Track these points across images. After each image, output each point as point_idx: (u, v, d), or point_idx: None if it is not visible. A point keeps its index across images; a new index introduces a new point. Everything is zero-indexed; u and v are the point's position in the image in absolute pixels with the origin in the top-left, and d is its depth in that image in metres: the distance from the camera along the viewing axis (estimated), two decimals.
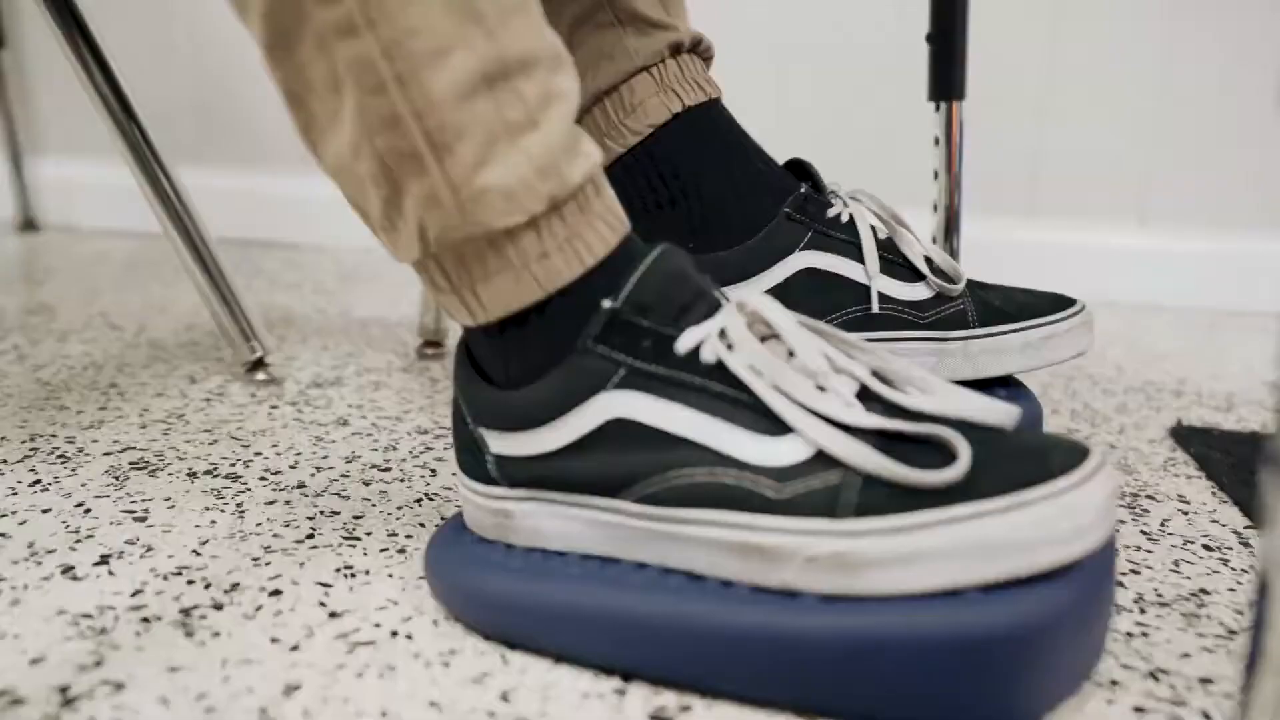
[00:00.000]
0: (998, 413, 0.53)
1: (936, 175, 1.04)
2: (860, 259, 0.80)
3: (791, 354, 0.55)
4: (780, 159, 0.86)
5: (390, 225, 0.56)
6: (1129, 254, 1.51)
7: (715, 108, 0.84)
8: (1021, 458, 0.50)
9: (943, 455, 0.50)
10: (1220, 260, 1.49)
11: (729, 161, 0.82)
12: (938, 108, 1.03)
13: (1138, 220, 1.51)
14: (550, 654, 0.56)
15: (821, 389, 0.53)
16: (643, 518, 0.55)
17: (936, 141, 1.04)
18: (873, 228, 0.82)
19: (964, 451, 0.49)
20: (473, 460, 0.62)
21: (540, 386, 0.57)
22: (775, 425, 0.53)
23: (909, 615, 0.48)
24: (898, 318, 0.80)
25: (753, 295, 0.57)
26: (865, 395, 0.54)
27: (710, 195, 0.81)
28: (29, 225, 1.81)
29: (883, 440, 0.51)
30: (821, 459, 0.51)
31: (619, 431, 0.55)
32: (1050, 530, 0.47)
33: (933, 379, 0.55)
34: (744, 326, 0.55)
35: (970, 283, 0.83)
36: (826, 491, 0.50)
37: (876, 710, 0.49)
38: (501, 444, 0.59)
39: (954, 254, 1.06)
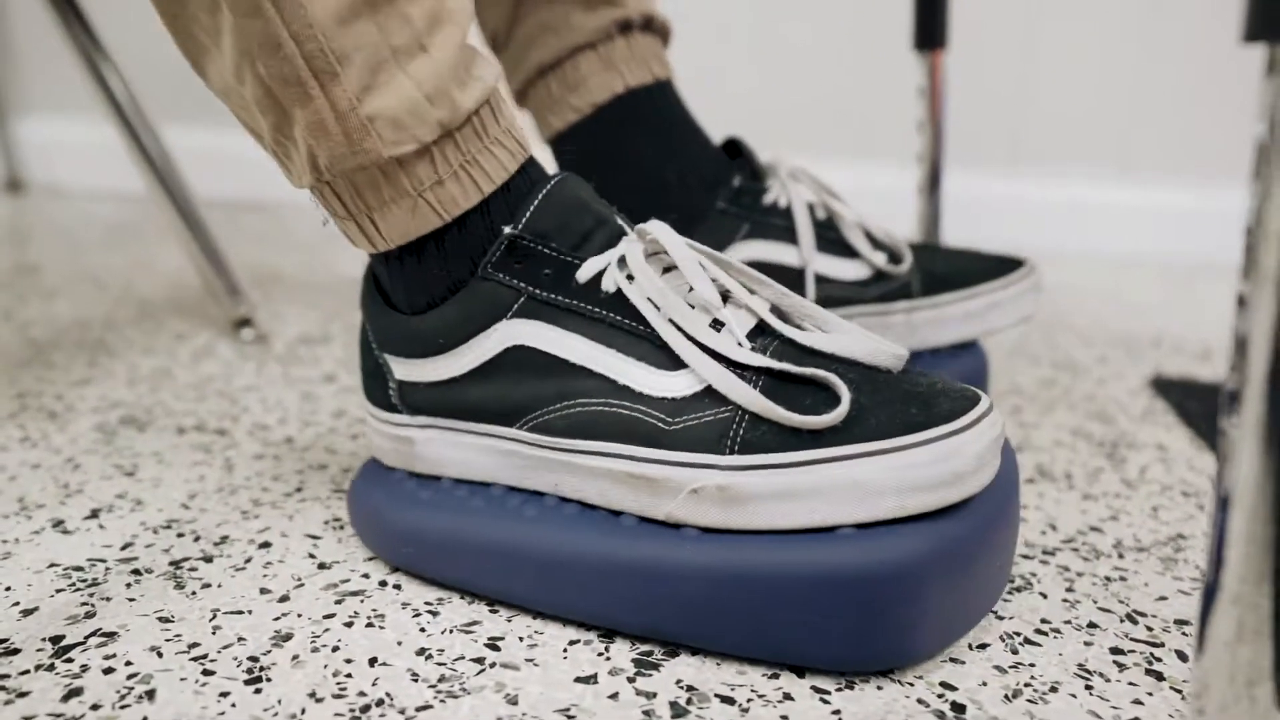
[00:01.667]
0: (886, 355, 0.53)
1: (920, 127, 1.04)
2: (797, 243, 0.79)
3: (690, 288, 0.55)
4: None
5: (283, 151, 0.55)
6: (1109, 206, 1.52)
7: (660, 90, 0.82)
8: (908, 402, 0.50)
9: (828, 397, 0.51)
10: (1200, 212, 1.50)
11: (664, 148, 0.80)
12: (921, 56, 1.03)
13: (1118, 172, 1.52)
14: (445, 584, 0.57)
15: (717, 324, 0.54)
16: (537, 446, 0.56)
17: (921, 92, 1.04)
18: (810, 207, 0.80)
19: (845, 396, 0.50)
20: (376, 387, 0.62)
21: (442, 313, 0.57)
22: (670, 359, 0.54)
23: (782, 550, 0.49)
24: (838, 297, 0.78)
25: (654, 224, 0.56)
26: (762, 330, 0.55)
27: (644, 182, 0.80)
28: (14, 185, 1.81)
29: (770, 380, 0.52)
30: (712, 394, 0.52)
31: (518, 359, 0.56)
32: (925, 475, 0.48)
33: (831, 316, 0.56)
34: (643, 256, 0.55)
35: (917, 247, 0.81)
36: (715, 424, 0.51)
37: (753, 645, 0.51)
38: (405, 370, 0.60)
39: (937, 207, 1.06)
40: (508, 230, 0.55)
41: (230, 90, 0.54)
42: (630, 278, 0.55)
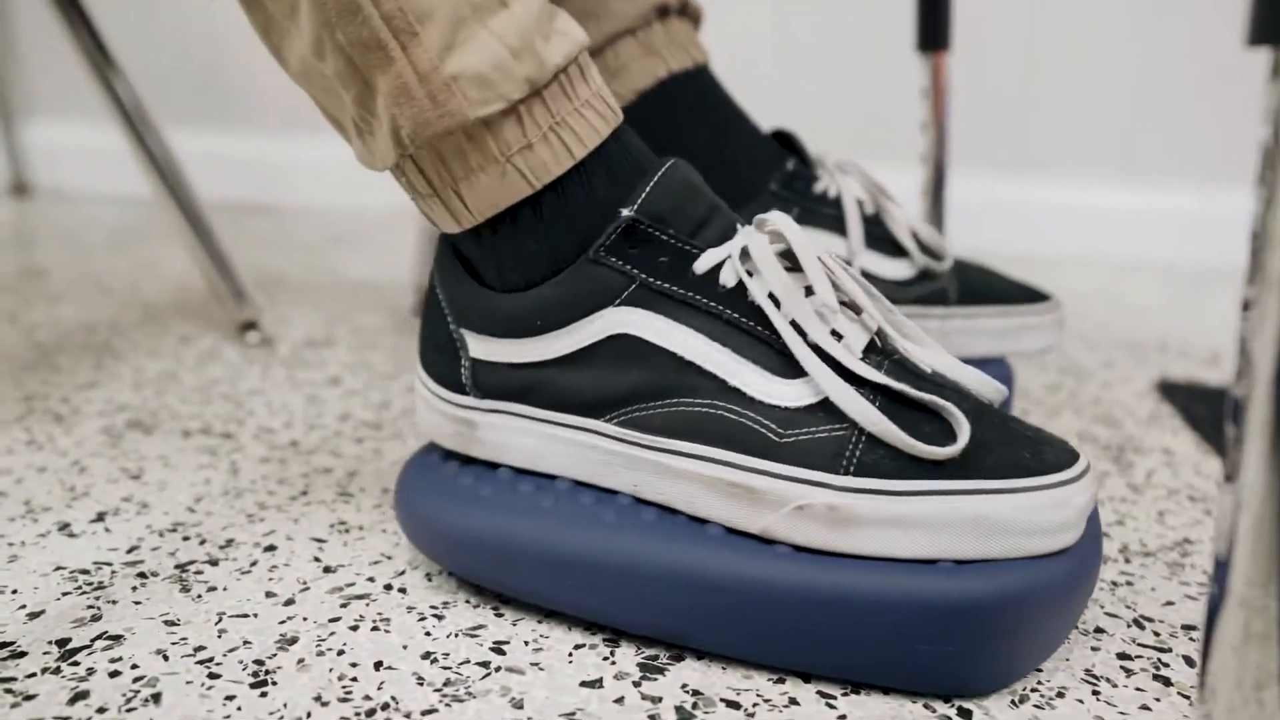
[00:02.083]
0: (991, 389, 0.53)
1: (924, 128, 1.04)
2: (845, 234, 0.78)
3: (809, 290, 0.53)
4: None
5: (366, 128, 0.53)
6: (1113, 209, 1.52)
7: (701, 74, 0.82)
8: (1020, 444, 0.50)
9: (943, 427, 0.50)
10: (1205, 215, 1.50)
11: (714, 131, 0.80)
12: (924, 58, 1.03)
13: (1123, 175, 1.52)
14: (540, 607, 0.56)
15: (836, 334, 0.52)
16: (624, 441, 0.54)
17: (925, 94, 1.04)
18: (859, 202, 0.79)
19: (965, 428, 0.48)
20: (442, 361, 0.59)
21: (541, 294, 0.54)
22: (786, 365, 0.51)
23: (885, 576, 0.48)
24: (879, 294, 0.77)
25: (775, 215, 0.54)
26: (872, 346, 0.53)
27: (697, 165, 0.79)
28: (20, 188, 1.81)
29: (886, 400, 0.50)
30: (828, 409, 0.50)
31: (621, 348, 0.53)
32: (1042, 520, 0.48)
33: (931, 341, 0.55)
34: (768, 249, 0.52)
35: (955, 260, 0.81)
36: (830, 441, 0.49)
37: (842, 667, 0.50)
38: (485, 348, 0.57)
39: (940, 208, 1.05)
40: (625, 213, 0.52)
41: (310, 70, 0.53)
42: (751, 272, 0.52)
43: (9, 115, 1.79)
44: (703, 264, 0.52)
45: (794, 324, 0.52)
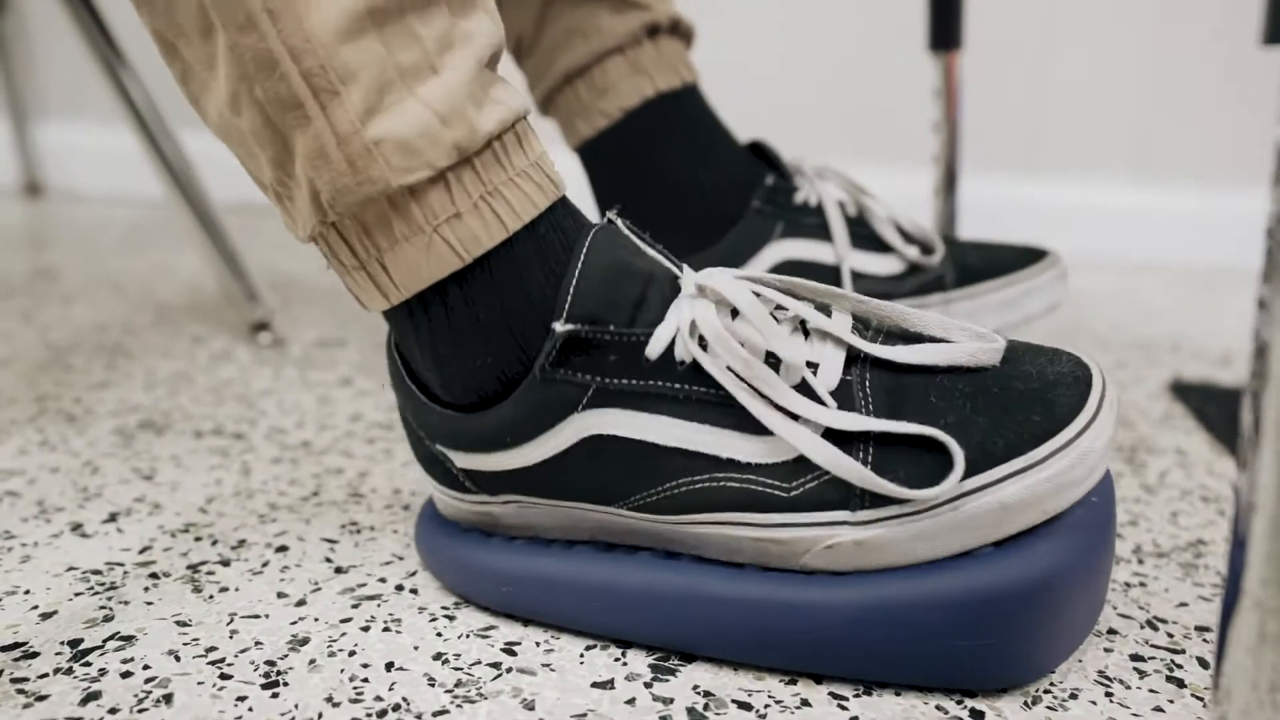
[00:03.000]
0: (989, 353, 0.51)
1: (936, 129, 1.04)
2: (831, 240, 0.78)
3: (769, 354, 0.50)
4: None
5: (285, 191, 0.51)
6: (1127, 209, 1.51)
7: (689, 94, 0.82)
8: (1027, 407, 0.48)
9: (926, 447, 0.48)
10: (1219, 215, 1.49)
11: (698, 152, 0.80)
12: (936, 57, 1.03)
13: (1136, 174, 1.51)
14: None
15: (812, 364, 0.50)
16: (644, 521, 0.53)
17: (937, 94, 1.04)
18: (841, 204, 0.79)
19: (959, 459, 0.47)
20: (439, 471, 0.57)
21: (500, 414, 0.52)
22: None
23: (920, 578, 0.48)
24: (874, 293, 0.76)
25: (714, 273, 0.51)
26: (853, 359, 0.51)
27: (677, 186, 0.79)
28: (33, 189, 1.81)
29: (867, 440, 0.49)
30: (832, 439, 0.49)
31: (599, 448, 0.51)
32: (1066, 478, 0.47)
33: (911, 313, 0.52)
34: (714, 317, 0.49)
35: (945, 240, 0.81)
36: (836, 483, 0.48)
37: (891, 673, 0.50)
38: (467, 461, 0.55)
39: (952, 208, 1.05)
40: (558, 327, 0.49)
41: (228, 126, 0.50)
42: (703, 342, 0.50)
43: (22, 116, 1.80)
44: (654, 349, 0.50)
45: (757, 392, 0.49)
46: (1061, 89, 1.50)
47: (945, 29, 1.00)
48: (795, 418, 0.49)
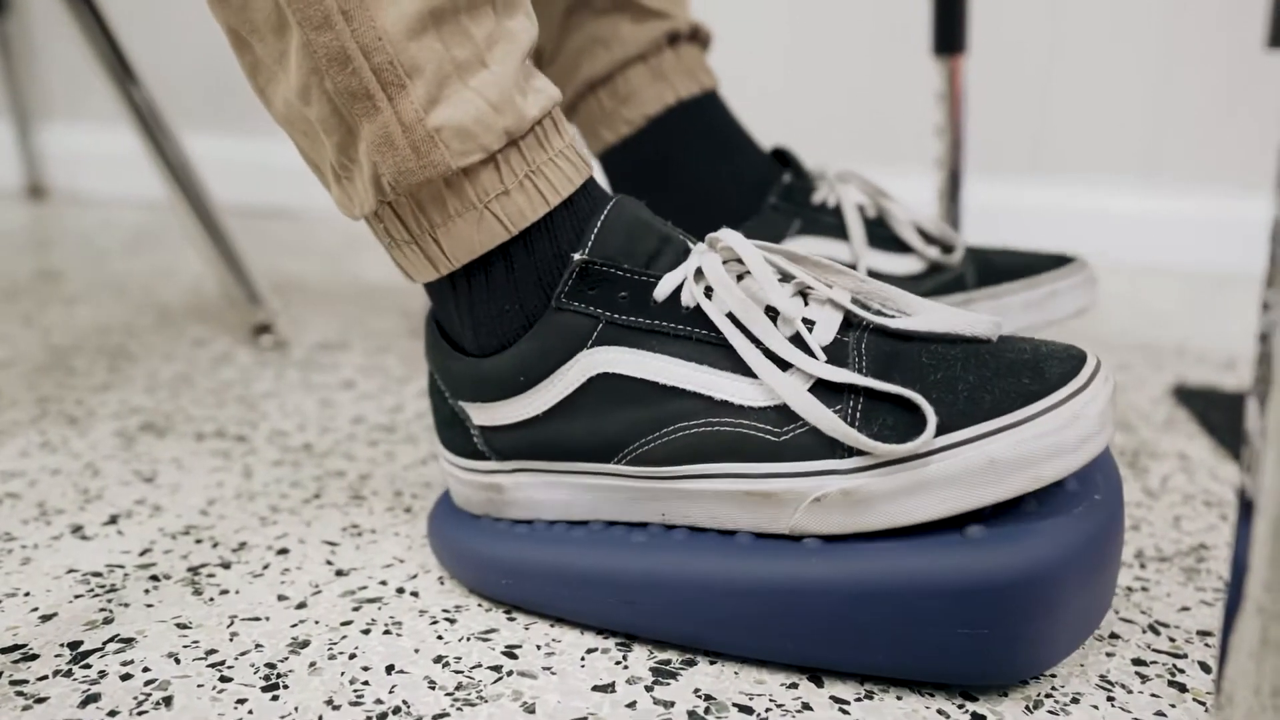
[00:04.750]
0: (984, 325, 0.52)
1: (940, 132, 1.04)
2: (848, 239, 0.78)
3: (770, 309, 0.53)
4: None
5: (345, 174, 0.55)
6: (1131, 213, 1.51)
7: (709, 100, 0.82)
8: (1018, 372, 0.49)
9: (912, 409, 0.49)
10: (1224, 220, 1.49)
11: (719, 156, 0.81)
12: (940, 61, 1.03)
13: (1141, 178, 1.51)
14: (554, 616, 0.56)
15: (809, 321, 0.53)
16: (639, 478, 0.55)
17: (941, 98, 1.04)
18: (860, 207, 0.80)
19: (931, 416, 0.48)
20: (456, 436, 0.60)
21: (518, 350, 0.55)
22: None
23: (913, 559, 0.48)
24: None
25: (726, 232, 0.55)
26: (850, 323, 0.53)
27: (699, 189, 0.80)
28: (36, 191, 1.81)
29: (855, 394, 0.50)
30: (820, 392, 0.51)
31: (605, 388, 0.54)
32: (1059, 440, 0.47)
33: (912, 297, 0.54)
34: (720, 266, 0.53)
35: (970, 248, 0.81)
36: None
37: (883, 663, 0.49)
38: (485, 415, 0.58)
39: (956, 213, 1.05)
40: (576, 256, 0.54)
41: (294, 115, 0.54)
42: (709, 291, 0.53)
43: (25, 118, 1.80)
44: (662, 290, 0.54)
45: (753, 337, 0.52)
46: (1066, 93, 1.50)
47: (950, 33, 1.00)
48: (786, 367, 0.51)
